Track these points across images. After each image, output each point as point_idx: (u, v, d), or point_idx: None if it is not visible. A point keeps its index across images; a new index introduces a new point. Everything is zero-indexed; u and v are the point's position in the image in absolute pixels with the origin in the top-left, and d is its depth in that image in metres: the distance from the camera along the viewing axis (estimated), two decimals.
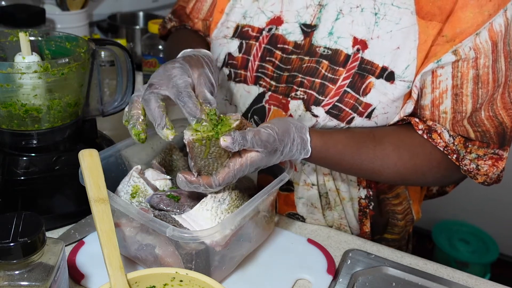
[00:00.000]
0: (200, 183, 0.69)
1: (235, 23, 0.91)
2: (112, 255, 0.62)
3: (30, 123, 0.81)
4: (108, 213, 0.65)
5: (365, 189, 0.92)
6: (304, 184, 0.93)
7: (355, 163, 0.81)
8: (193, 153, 0.67)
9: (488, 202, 2.19)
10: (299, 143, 0.73)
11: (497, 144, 0.81)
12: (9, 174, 0.81)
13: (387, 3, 0.79)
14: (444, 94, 0.79)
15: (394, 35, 0.79)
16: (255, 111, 0.90)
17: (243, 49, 0.90)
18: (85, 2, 1.72)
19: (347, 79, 0.81)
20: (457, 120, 0.80)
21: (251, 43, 0.89)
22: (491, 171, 0.82)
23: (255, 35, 0.89)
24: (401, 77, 0.79)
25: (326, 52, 0.83)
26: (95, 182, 0.66)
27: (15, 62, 0.79)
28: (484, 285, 0.82)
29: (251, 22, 0.90)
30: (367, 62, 0.80)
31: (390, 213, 1.00)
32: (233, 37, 0.91)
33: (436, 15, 0.76)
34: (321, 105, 0.83)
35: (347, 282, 0.79)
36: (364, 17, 0.80)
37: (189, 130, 0.67)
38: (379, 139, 0.81)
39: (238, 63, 0.90)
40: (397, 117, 0.83)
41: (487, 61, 0.76)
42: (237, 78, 0.91)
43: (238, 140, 0.65)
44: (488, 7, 0.74)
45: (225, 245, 0.71)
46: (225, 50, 0.92)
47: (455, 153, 0.81)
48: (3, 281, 0.56)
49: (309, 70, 0.84)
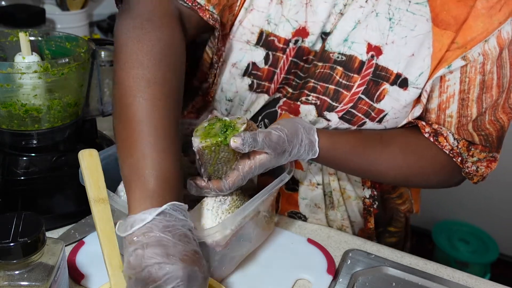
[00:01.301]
0: (211, 188, 0.69)
1: (259, 28, 0.82)
2: (112, 255, 0.62)
3: (30, 123, 0.81)
4: (108, 213, 0.65)
5: (369, 189, 0.93)
6: (309, 184, 0.93)
7: (362, 164, 0.81)
8: (203, 160, 0.67)
9: (488, 202, 2.19)
10: (307, 144, 0.74)
11: (495, 148, 0.83)
12: (9, 174, 0.81)
13: (402, 8, 0.78)
14: (451, 98, 0.80)
15: (409, 41, 0.78)
16: (266, 115, 0.89)
17: (269, 61, 0.83)
18: (85, 2, 1.72)
19: (361, 86, 0.80)
20: (462, 124, 0.81)
21: (278, 56, 0.83)
22: (486, 172, 0.85)
23: (281, 47, 0.82)
24: (414, 84, 0.79)
25: (340, 58, 0.81)
26: (95, 182, 0.66)
27: (15, 62, 0.79)
28: (484, 285, 0.82)
29: (276, 31, 0.82)
30: (382, 68, 0.80)
31: (394, 210, 1.01)
32: (257, 45, 0.83)
33: (451, 24, 0.76)
34: (334, 111, 0.82)
35: (347, 282, 0.79)
36: (378, 22, 0.79)
37: (197, 137, 0.67)
38: (386, 141, 0.82)
39: (264, 75, 0.84)
40: (405, 120, 0.83)
41: (493, 67, 0.77)
42: (259, 89, 0.86)
43: (248, 141, 0.65)
44: (498, 16, 0.75)
45: (225, 245, 0.71)
46: (248, 57, 0.84)
47: (459, 156, 0.83)
48: (3, 281, 0.56)
49: (322, 76, 0.82)
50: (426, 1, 0.77)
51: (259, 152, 0.69)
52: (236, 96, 0.88)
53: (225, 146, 0.66)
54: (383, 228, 1.03)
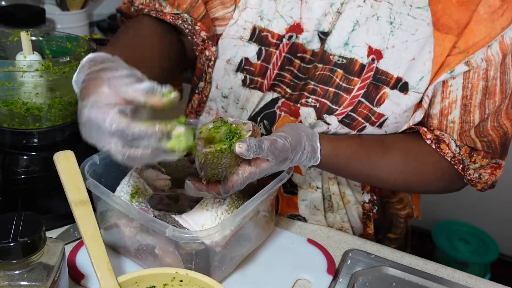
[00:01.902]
0: (209, 191, 0.69)
1: (252, 24, 0.85)
2: (99, 258, 0.61)
3: (31, 122, 0.81)
4: (90, 214, 0.63)
5: (369, 193, 0.93)
6: (309, 187, 0.93)
7: (363, 169, 0.81)
8: (204, 164, 0.66)
9: (488, 202, 2.19)
10: (309, 152, 0.73)
11: (499, 154, 0.82)
12: (10, 173, 0.81)
13: (403, 13, 0.78)
14: (454, 104, 0.79)
15: (410, 45, 0.78)
16: (265, 116, 0.89)
17: (262, 56, 0.85)
18: (85, 2, 1.72)
19: (361, 89, 0.80)
20: (465, 130, 0.81)
21: (271, 51, 0.85)
22: (490, 179, 0.84)
23: (275, 42, 0.84)
24: (415, 88, 0.79)
25: (340, 61, 0.81)
26: (73, 184, 0.64)
27: (17, 61, 0.79)
28: (484, 285, 0.82)
29: (269, 27, 0.84)
30: (382, 72, 0.80)
31: (393, 215, 1.00)
32: (251, 41, 0.85)
33: (452, 29, 0.76)
34: (334, 114, 0.82)
35: (347, 282, 0.79)
36: (379, 26, 0.79)
37: (201, 140, 0.66)
38: (387, 147, 0.81)
39: (256, 70, 0.86)
40: (406, 125, 0.83)
41: (496, 73, 0.76)
42: (252, 85, 0.87)
43: (253, 148, 0.64)
44: (501, 21, 0.74)
45: (225, 245, 0.71)
46: (242, 53, 0.86)
47: (461, 163, 0.82)
48: (3, 281, 0.56)
49: (322, 78, 0.82)
50: (427, 5, 0.77)
51: (260, 159, 0.68)
52: (231, 92, 0.89)
53: (229, 153, 0.66)
54: (383, 235, 1.03)
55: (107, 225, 0.78)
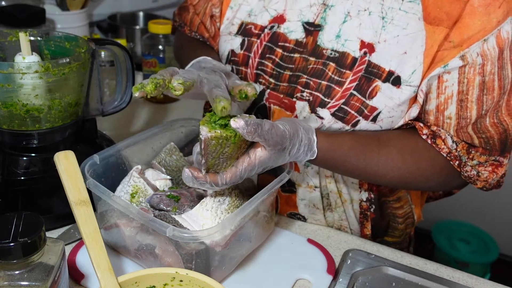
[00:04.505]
0: (207, 180, 0.68)
1: (240, 20, 0.93)
2: (100, 258, 0.61)
3: (31, 123, 0.81)
4: (91, 214, 0.63)
5: (366, 191, 0.92)
6: (307, 186, 0.93)
7: (360, 165, 0.81)
8: (207, 150, 0.65)
9: (488, 202, 2.19)
10: (306, 144, 0.73)
11: (498, 151, 0.81)
12: (9, 174, 0.81)
13: (394, 8, 0.79)
14: (449, 99, 0.79)
15: (401, 40, 0.78)
16: (258, 110, 0.90)
17: (244, 46, 0.91)
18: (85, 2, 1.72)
19: (353, 82, 0.81)
20: (461, 126, 0.80)
21: (253, 40, 0.90)
22: (491, 177, 0.83)
23: (257, 33, 0.90)
24: (408, 82, 0.79)
25: (333, 54, 0.82)
26: (74, 184, 0.65)
27: (16, 62, 0.79)
28: (484, 285, 0.82)
29: (255, 20, 0.91)
30: (374, 65, 0.80)
31: (391, 216, 1.00)
32: (237, 34, 0.92)
33: (443, 20, 0.76)
34: (326, 107, 0.82)
35: (347, 282, 0.79)
36: (371, 21, 0.80)
37: (205, 125, 0.65)
38: (384, 143, 0.81)
39: (240, 60, 0.91)
40: (402, 121, 0.83)
41: (493, 68, 0.76)
42: (239, 75, 0.92)
43: (253, 124, 0.62)
44: (497, 14, 0.74)
45: (225, 245, 0.71)
46: (229, 46, 0.93)
47: (457, 159, 0.82)
48: (3, 281, 0.56)
49: (315, 72, 0.83)
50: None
51: (258, 149, 0.68)
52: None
53: (232, 143, 0.66)
54: (381, 238, 1.03)
55: (107, 225, 0.78)
